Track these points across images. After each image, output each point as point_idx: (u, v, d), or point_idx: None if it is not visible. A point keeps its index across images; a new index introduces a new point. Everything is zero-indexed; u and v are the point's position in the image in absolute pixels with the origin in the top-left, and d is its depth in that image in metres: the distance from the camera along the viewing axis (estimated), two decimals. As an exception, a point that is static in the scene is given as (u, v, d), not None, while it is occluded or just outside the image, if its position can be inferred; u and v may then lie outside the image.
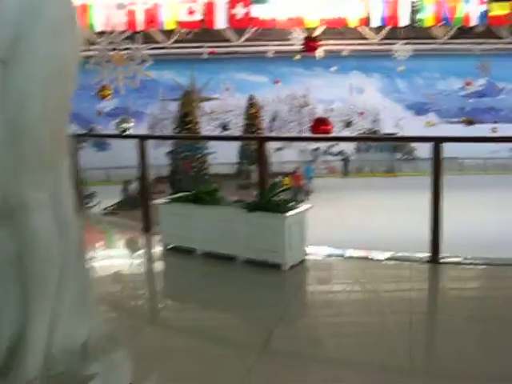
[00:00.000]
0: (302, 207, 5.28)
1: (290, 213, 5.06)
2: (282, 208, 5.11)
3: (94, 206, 16.52)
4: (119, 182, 24.05)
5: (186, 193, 5.86)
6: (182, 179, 17.74)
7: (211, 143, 33.93)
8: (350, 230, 18.14)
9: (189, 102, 16.19)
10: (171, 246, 5.84)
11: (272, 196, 5.34)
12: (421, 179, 28.58)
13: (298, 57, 30.76)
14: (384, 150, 34.25)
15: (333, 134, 25.28)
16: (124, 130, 21.73)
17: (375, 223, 19.65)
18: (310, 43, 12.91)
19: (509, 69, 33.02)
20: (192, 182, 17.94)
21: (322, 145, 36.48)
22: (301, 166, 28.14)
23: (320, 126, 9.37)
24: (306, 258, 5.30)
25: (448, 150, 5.04)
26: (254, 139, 5.92)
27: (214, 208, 5.50)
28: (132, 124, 29.55)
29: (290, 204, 5.24)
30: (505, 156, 32.75)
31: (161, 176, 21.48)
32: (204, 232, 5.50)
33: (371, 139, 10.63)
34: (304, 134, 32.36)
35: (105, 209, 20.25)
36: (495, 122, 34.37)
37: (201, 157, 18.07)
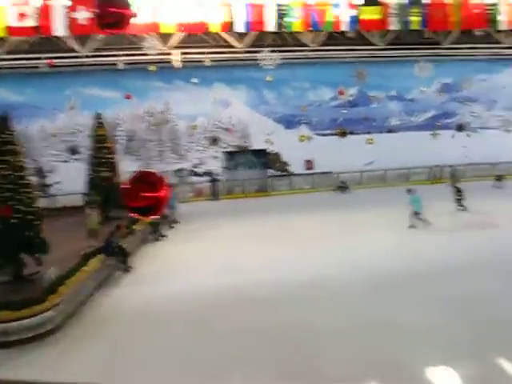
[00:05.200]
0: None
1: None
2: None
3: None
4: None
5: None
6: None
7: (58, 172, 29.29)
8: (223, 273, 14.63)
9: None
10: None
11: None
12: (296, 198, 25.91)
13: (153, 68, 26.84)
14: (254, 166, 31.20)
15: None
16: None
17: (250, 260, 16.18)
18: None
19: (379, 77, 31.36)
20: (15, 231, 13.25)
21: (187, 164, 32.79)
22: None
23: (140, 191, 5.40)
24: None
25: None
26: None
27: None
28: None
29: None
30: (382, 168, 31.10)
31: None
32: None
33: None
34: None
35: None
36: (369, 133, 32.62)
37: (27, 194, 13.44)
